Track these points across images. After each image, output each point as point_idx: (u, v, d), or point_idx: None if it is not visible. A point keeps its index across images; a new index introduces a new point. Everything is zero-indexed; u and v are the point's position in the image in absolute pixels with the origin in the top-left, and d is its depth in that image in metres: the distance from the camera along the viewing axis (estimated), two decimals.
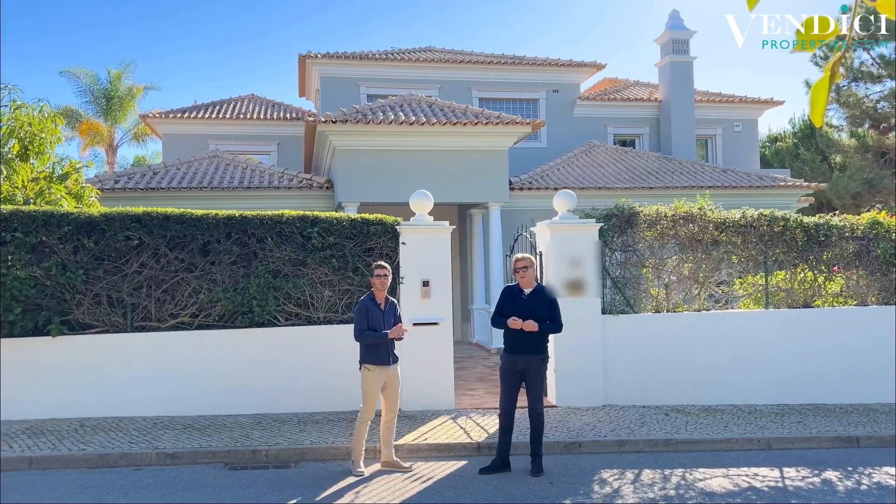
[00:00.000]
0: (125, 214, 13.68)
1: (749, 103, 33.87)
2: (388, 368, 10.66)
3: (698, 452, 11.75)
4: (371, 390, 10.61)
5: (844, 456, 11.69)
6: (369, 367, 10.59)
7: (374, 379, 10.59)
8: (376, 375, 10.58)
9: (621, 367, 14.62)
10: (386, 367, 10.63)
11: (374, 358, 10.59)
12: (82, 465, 10.83)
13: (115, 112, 45.58)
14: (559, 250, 14.44)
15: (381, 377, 10.61)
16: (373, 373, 10.58)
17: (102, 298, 13.62)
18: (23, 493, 9.69)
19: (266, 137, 31.63)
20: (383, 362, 10.61)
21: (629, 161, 28.82)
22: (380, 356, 10.61)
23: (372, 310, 10.66)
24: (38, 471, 10.67)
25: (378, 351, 10.60)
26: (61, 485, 10.03)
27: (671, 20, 32.58)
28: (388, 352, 10.69)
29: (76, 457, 10.93)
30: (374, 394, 10.62)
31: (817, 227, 15.68)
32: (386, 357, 10.64)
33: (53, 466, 10.79)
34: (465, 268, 26.99)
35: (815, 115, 2.63)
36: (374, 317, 10.62)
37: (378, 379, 10.60)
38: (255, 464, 10.97)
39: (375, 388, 10.61)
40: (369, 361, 10.60)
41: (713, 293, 15.80)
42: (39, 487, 9.92)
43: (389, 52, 31.56)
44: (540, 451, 10.52)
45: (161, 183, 23.53)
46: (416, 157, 22.87)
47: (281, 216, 14.12)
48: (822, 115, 2.62)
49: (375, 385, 10.60)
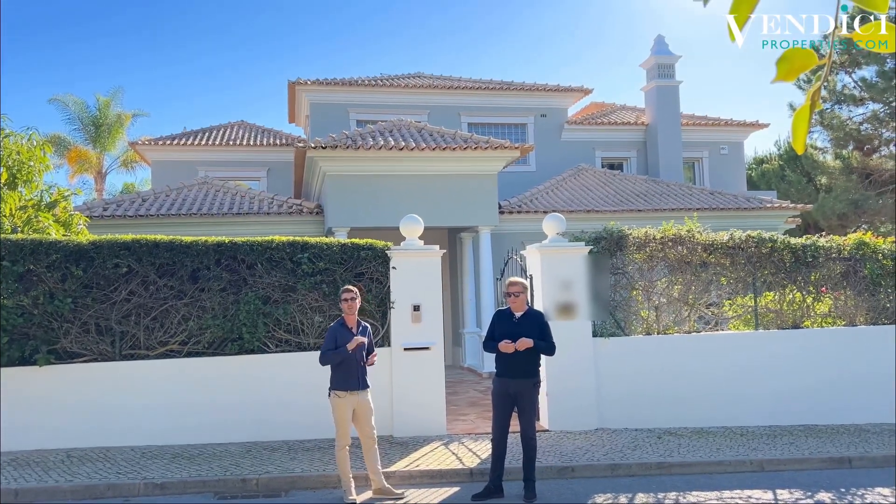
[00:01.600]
0: (114, 242, 13.58)
1: (735, 126, 34.04)
2: (357, 394, 10.42)
3: (691, 475, 11.67)
4: (340, 417, 10.39)
5: (837, 477, 11.63)
6: (338, 393, 10.37)
7: (343, 406, 10.38)
8: (345, 402, 10.37)
9: (613, 389, 14.52)
10: (355, 392, 10.39)
11: (342, 384, 10.38)
12: (69, 497, 10.68)
13: (103, 139, 45.52)
14: (549, 273, 14.38)
15: (349, 404, 10.39)
16: (342, 399, 10.37)
17: (91, 327, 13.50)
18: None
19: (256, 163, 31.62)
20: (352, 388, 10.38)
21: (617, 184, 28.84)
22: (348, 382, 10.38)
23: (340, 333, 10.49)
24: (25, 503, 10.53)
25: (346, 376, 10.39)
26: None
27: (656, 45, 32.80)
28: (359, 377, 10.47)
29: (63, 488, 10.79)
30: (343, 421, 10.40)
31: (804, 248, 15.67)
32: (355, 383, 10.40)
33: (40, 499, 10.64)
34: (455, 292, 26.92)
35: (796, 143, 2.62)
36: (342, 340, 10.41)
37: (346, 406, 10.38)
38: (245, 493, 10.85)
39: (344, 414, 10.39)
40: (337, 387, 10.39)
41: (703, 315, 15.75)
42: None
43: (379, 78, 31.59)
44: (533, 476, 10.41)
45: (150, 210, 23.46)
46: (406, 181, 22.84)
47: (271, 242, 14.03)
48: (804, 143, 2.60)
49: (344, 412, 10.39)
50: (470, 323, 24.68)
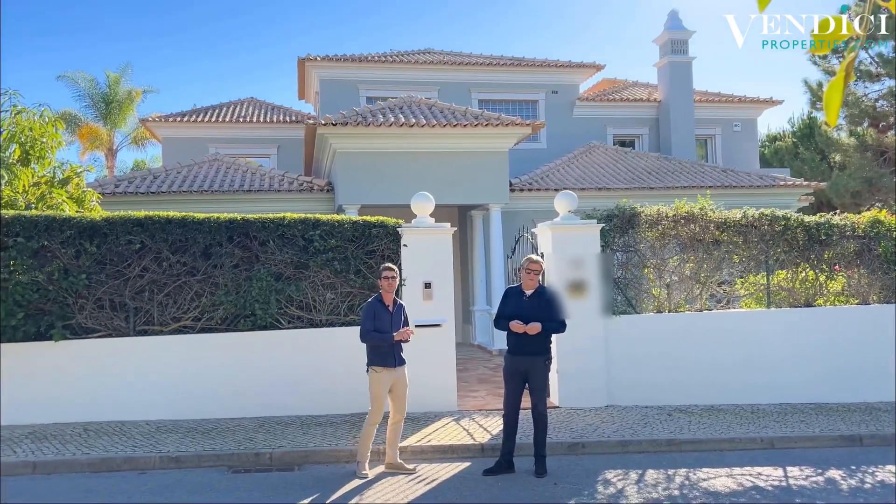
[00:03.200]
0: (127, 218, 13.69)
1: (748, 103, 33.88)
2: (394, 371, 10.64)
3: (702, 452, 11.75)
4: (378, 393, 10.61)
5: (847, 455, 11.69)
6: (377, 369, 10.58)
7: (381, 381, 10.59)
8: (383, 378, 10.58)
9: (624, 367, 14.61)
10: (392, 369, 10.61)
11: (381, 360, 10.59)
12: (86, 470, 10.83)
13: (114, 116, 45.55)
14: (561, 251, 14.45)
15: (387, 379, 10.61)
16: (380, 375, 10.58)
17: (105, 302, 13.63)
18: (27, 497, 9.71)
19: (266, 141, 31.67)
20: (390, 364, 10.59)
21: (629, 161, 28.85)
22: (386, 358, 10.59)
23: (379, 311, 10.66)
24: (42, 475, 10.67)
25: (385, 353, 10.59)
26: (65, 489, 10.04)
27: (670, 20, 32.64)
28: (395, 354, 10.67)
29: (80, 461, 10.94)
30: (381, 396, 10.62)
31: (818, 226, 15.68)
32: (392, 359, 10.62)
33: (58, 471, 10.78)
34: (466, 269, 27.00)
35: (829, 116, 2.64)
36: (381, 318, 10.61)
37: (385, 381, 10.60)
38: (258, 467, 10.98)
39: (382, 390, 10.61)
40: (376, 364, 10.60)
41: (715, 293, 15.79)
42: (43, 492, 9.92)
43: (389, 54, 31.57)
44: (544, 452, 10.52)
45: (161, 187, 23.55)
46: (417, 159, 22.90)
47: (283, 219, 14.13)
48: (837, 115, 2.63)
49: (382, 388, 10.60)
50: (480, 301, 24.78)
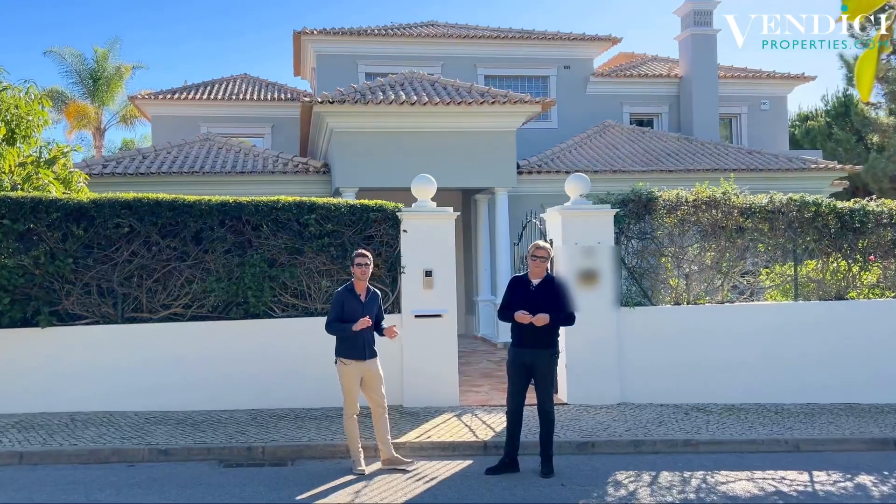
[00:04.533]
0: (115, 200, 13.75)
1: (777, 79, 33.71)
2: (363, 363, 10.65)
3: (721, 454, 11.71)
4: (347, 385, 10.66)
5: (879, 459, 11.59)
6: (344, 360, 10.63)
7: (349, 373, 10.63)
8: (351, 370, 10.63)
9: (638, 362, 14.57)
10: (361, 361, 10.63)
11: (348, 352, 10.63)
12: (74, 461, 10.95)
13: (102, 93, 45.65)
14: (571, 238, 14.40)
15: (356, 372, 10.64)
16: (347, 367, 10.62)
17: (92, 288, 13.71)
18: (13, 488, 9.80)
19: (260, 119, 31.73)
20: (358, 357, 10.62)
21: (647, 142, 28.79)
22: (354, 350, 10.62)
23: (348, 300, 10.68)
24: (29, 466, 10.80)
25: (352, 344, 10.62)
26: (52, 481, 10.13)
27: None
28: (364, 346, 10.67)
29: (67, 452, 11.07)
30: (351, 388, 10.65)
31: (852, 212, 15.49)
32: (361, 351, 10.63)
33: (44, 462, 10.92)
34: (469, 257, 26.98)
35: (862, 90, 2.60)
36: (350, 308, 10.63)
37: (353, 374, 10.63)
38: (251, 461, 11.06)
39: (351, 383, 10.65)
40: (343, 355, 10.65)
41: (737, 284, 15.72)
42: (30, 483, 10.02)
43: (389, 27, 31.53)
44: (550, 451, 10.52)
45: (151, 168, 23.66)
46: (418, 139, 22.89)
47: (277, 202, 14.17)
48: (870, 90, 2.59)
49: (351, 380, 10.64)
50: (484, 290, 24.81)
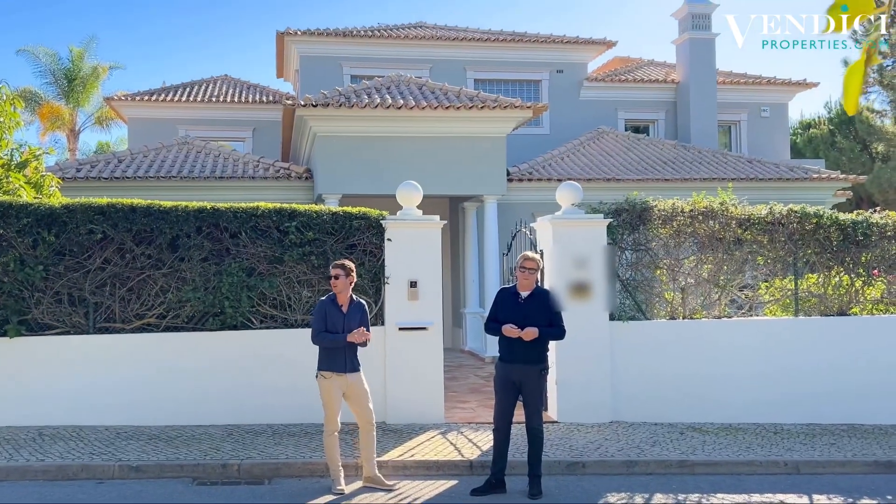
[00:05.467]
0: (88, 206, 13.71)
1: (778, 85, 33.73)
2: (345, 377, 10.59)
3: (717, 476, 11.68)
4: (328, 400, 10.60)
5: (883, 483, 11.55)
6: (325, 374, 10.57)
7: (330, 388, 10.56)
8: (331, 384, 10.55)
9: (631, 379, 14.52)
10: (343, 374, 10.57)
11: (329, 364, 10.57)
12: (40, 477, 10.89)
13: (77, 94, 45.72)
14: (562, 249, 14.35)
15: (336, 385, 10.57)
16: (328, 381, 10.55)
17: (63, 297, 13.67)
18: None
19: (241, 122, 31.71)
20: (339, 369, 10.55)
21: (642, 149, 28.86)
22: (335, 362, 10.56)
23: (330, 311, 10.65)
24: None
25: (334, 357, 10.57)
26: (18, 497, 10.11)
27: None
28: (347, 358, 10.62)
29: (34, 468, 11.01)
30: (331, 404, 10.59)
31: (855, 224, 15.48)
32: (342, 364, 10.57)
33: (10, 478, 10.86)
34: (457, 267, 27.01)
35: (848, 102, 2.61)
36: (332, 319, 10.60)
37: (333, 387, 10.56)
38: (225, 479, 11.01)
39: (332, 397, 10.58)
40: (323, 368, 10.60)
41: (735, 298, 15.70)
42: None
43: (376, 28, 31.59)
44: (539, 472, 10.47)
45: (126, 172, 23.62)
46: (405, 144, 22.91)
47: (256, 209, 14.13)
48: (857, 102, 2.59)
49: (332, 394, 10.58)
50: (472, 302, 24.78)
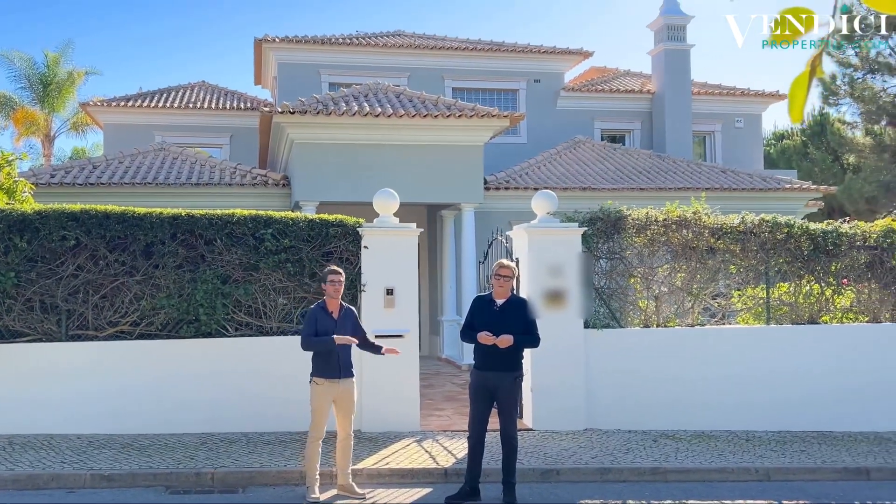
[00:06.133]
0: (61, 212, 13.66)
1: (752, 96, 33.94)
2: (338, 383, 10.59)
3: (689, 483, 11.76)
4: (318, 406, 10.59)
5: (852, 489, 11.68)
6: (317, 380, 10.56)
7: (322, 394, 10.56)
8: (325, 390, 10.55)
9: (605, 387, 14.57)
10: (336, 380, 10.57)
11: (323, 370, 10.56)
12: (10, 487, 10.84)
13: (52, 99, 45.47)
14: (538, 257, 14.42)
15: (329, 392, 10.57)
16: (321, 387, 10.55)
17: (35, 304, 13.61)
18: None
19: (218, 129, 31.63)
20: (332, 375, 10.55)
21: (618, 159, 28.92)
22: (328, 368, 10.55)
23: (321, 318, 10.66)
24: None
25: (327, 363, 10.56)
26: None
27: (666, 4, 32.68)
28: (340, 364, 10.62)
29: (3, 477, 10.96)
30: (321, 410, 10.58)
31: (825, 234, 15.60)
32: (336, 370, 10.57)
33: None
34: (434, 275, 26.99)
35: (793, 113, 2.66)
36: (323, 325, 10.60)
37: (326, 394, 10.56)
38: (199, 488, 10.99)
39: (323, 403, 10.58)
40: (317, 374, 10.59)
41: (708, 306, 15.81)
42: None
43: (354, 36, 31.56)
44: (513, 479, 10.49)
45: (101, 178, 23.50)
46: (382, 152, 22.88)
47: (231, 216, 14.12)
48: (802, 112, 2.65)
49: (323, 400, 10.57)
50: (449, 310, 24.79)
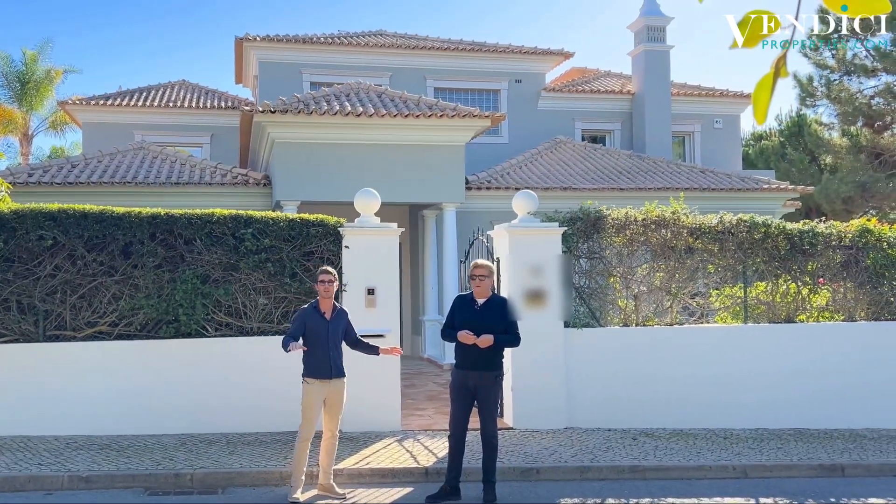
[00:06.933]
0: (38, 211, 13.61)
1: (730, 97, 34.00)
2: (329, 382, 10.57)
3: (668, 480, 11.82)
4: (308, 405, 10.57)
5: (827, 486, 11.75)
6: (308, 380, 10.55)
7: (312, 394, 10.54)
8: (315, 390, 10.53)
9: (585, 385, 14.62)
10: (326, 380, 10.55)
11: (312, 370, 10.55)
12: None
13: (30, 97, 45.22)
14: (518, 257, 14.45)
15: (320, 392, 10.55)
16: (311, 387, 10.54)
17: (12, 304, 13.56)
18: None
19: (198, 128, 31.47)
20: (323, 375, 10.53)
21: (598, 159, 29.00)
22: (318, 368, 10.54)
23: (312, 318, 10.63)
24: None
25: (317, 362, 10.54)
26: None
27: (646, 5, 32.70)
28: (331, 364, 10.59)
29: None
30: (311, 410, 10.56)
31: (801, 234, 15.70)
32: (326, 370, 10.55)
33: None
34: (416, 275, 26.99)
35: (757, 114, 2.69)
36: (313, 326, 10.58)
37: (316, 394, 10.54)
38: (178, 489, 10.95)
39: (313, 403, 10.56)
40: (309, 374, 10.57)
41: (687, 305, 15.87)
42: None
43: (336, 35, 31.49)
44: (493, 478, 10.52)
45: (80, 177, 23.36)
46: (364, 152, 22.87)
47: (211, 215, 14.11)
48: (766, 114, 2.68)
49: (313, 400, 10.55)
50: (431, 310, 24.80)
